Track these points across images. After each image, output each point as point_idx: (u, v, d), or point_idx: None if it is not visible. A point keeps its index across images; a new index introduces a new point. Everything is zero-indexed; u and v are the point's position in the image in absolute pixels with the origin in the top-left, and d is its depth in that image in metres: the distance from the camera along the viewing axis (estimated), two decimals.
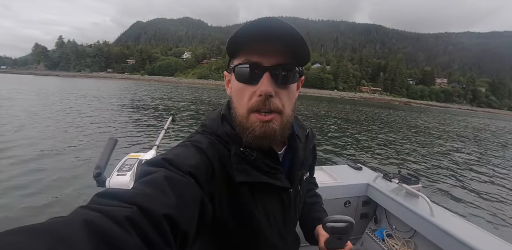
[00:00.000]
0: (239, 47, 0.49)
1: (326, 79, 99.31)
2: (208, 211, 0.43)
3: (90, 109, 11.24)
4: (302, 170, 0.65)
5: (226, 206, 0.51)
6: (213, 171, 0.48)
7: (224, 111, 0.58)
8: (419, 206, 1.52)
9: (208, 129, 0.57)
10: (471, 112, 72.17)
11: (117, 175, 1.07)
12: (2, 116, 8.00)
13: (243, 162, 0.52)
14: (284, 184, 0.58)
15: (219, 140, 0.54)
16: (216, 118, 0.58)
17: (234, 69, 0.50)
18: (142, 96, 20.94)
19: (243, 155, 0.52)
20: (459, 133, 14.48)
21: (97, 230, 0.24)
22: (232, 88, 0.53)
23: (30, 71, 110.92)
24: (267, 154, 0.55)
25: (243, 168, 0.52)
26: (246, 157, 0.52)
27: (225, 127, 0.55)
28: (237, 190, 0.52)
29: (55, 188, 3.40)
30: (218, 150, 0.52)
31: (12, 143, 5.13)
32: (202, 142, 0.52)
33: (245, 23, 0.45)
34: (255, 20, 0.45)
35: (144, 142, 6.04)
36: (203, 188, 0.44)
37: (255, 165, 0.53)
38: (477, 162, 7.18)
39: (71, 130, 6.82)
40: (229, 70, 0.53)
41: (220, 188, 0.50)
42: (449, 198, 4.30)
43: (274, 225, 0.58)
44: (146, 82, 69.03)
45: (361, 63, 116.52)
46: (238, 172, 0.51)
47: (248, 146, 0.52)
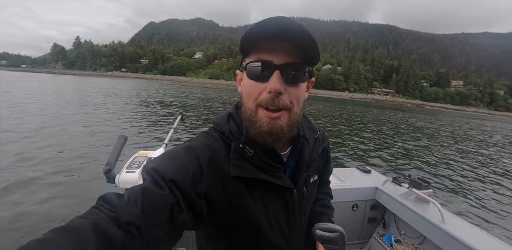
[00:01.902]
0: (251, 46, 0.50)
1: (337, 80, 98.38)
2: (183, 214, 0.45)
3: (104, 106, 11.71)
4: (308, 172, 0.64)
5: (224, 202, 0.52)
6: (202, 170, 0.50)
7: (231, 110, 0.61)
8: (429, 211, 1.48)
9: (215, 125, 0.60)
10: (488, 116, 69.95)
11: (126, 172, 1.08)
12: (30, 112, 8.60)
13: (242, 158, 0.54)
14: (286, 183, 0.57)
15: (222, 136, 0.57)
16: (224, 116, 0.60)
17: (246, 67, 0.51)
18: (154, 95, 21.51)
19: (242, 151, 0.53)
20: (474, 137, 14.18)
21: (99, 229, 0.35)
22: (243, 86, 0.54)
23: (48, 70, 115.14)
24: (269, 152, 0.55)
25: (240, 164, 0.53)
26: (245, 153, 0.53)
27: (230, 125, 0.57)
28: (234, 186, 0.53)
29: (65, 182, 3.58)
30: (215, 147, 0.54)
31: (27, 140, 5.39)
32: (198, 141, 0.56)
33: (257, 22, 0.46)
34: (267, 19, 0.46)
35: (153, 140, 6.17)
36: (186, 191, 0.46)
37: (254, 161, 0.54)
38: (492, 168, 6.99)
39: (84, 126, 7.07)
40: (241, 68, 0.54)
41: (214, 185, 0.51)
42: (461, 204, 4.20)
43: (275, 225, 0.58)
44: (158, 82, 70.56)
45: (373, 64, 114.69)
46: (234, 167, 0.53)
47: (248, 142, 0.53)
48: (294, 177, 0.60)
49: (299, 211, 0.63)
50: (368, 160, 6.21)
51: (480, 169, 6.71)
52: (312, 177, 0.66)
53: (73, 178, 3.73)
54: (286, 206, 0.59)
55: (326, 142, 0.71)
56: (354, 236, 1.90)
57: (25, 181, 3.51)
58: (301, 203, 0.62)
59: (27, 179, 3.57)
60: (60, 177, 3.73)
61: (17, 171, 3.80)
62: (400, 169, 5.76)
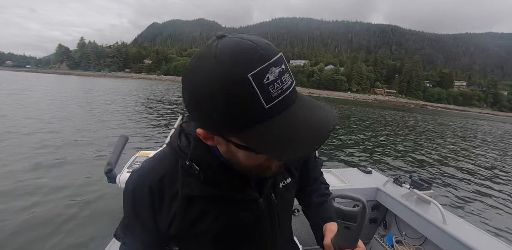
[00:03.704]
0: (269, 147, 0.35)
1: (340, 81, 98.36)
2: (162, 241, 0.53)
3: (105, 106, 11.85)
4: (275, 177, 0.58)
5: (180, 221, 0.51)
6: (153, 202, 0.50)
7: (185, 124, 0.54)
8: (430, 212, 1.48)
9: (171, 141, 0.55)
10: (492, 116, 69.56)
11: (127, 172, 1.08)
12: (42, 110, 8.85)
13: (190, 175, 0.49)
14: (247, 196, 0.54)
15: (174, 153, 0.52)
16: (176, 131, 0.54)
17: (242, 148, 0.38)
18: (156, 95, 21.79)
19: (189, 168, 0.49)
20: (475, 137, 14.23)
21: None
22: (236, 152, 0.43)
23: (53, 70, 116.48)
24: (229, 171, 0.50)
25: (188, 182, 0.49)
26: (192, 170, 0.49)
27: (181, 140, 0.52)
28: (188, 204, 0.50)
29: (67, 181, 3.62)
30: (167, 167, 0.52)
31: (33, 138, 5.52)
32: (148, 165, 0.54)
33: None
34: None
35: (154, 140, 6.18)
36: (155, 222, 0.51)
37: (203, 178, 0.49)
38: (494, 169, 6.95)
39: (84, 126, 7.13)
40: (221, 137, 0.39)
41: (169, 207, 0.50)
42: (462, 205, 4.19)
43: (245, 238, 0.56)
44: (162, 82, 71.13)
45: (375, 65, 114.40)
46: (183, 185, 0.50)
47: (196, 159, 0.49)
48: (259, 186, 0.56)
49: (270, 218, 0.59)
50: (369, 161, 6.26)
51: (482, 169, 6.69)
52: (282, 181, 0.61)
53: (73, 178, 3.76)
54: (253, 216, 0.56)
55: None
56: None
57: (25, 181, 3.54)
58: (270, 210, 0.59)
59: (27, 178, 3.61)
60: (60, 177, 3.76)
61: (16, 170, 3.85)
62: (401, 170, 5.79)
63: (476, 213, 3.95)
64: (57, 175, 3.84)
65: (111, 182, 1.08)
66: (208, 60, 0.33)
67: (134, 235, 0.54)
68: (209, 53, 0.33)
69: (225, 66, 0.31)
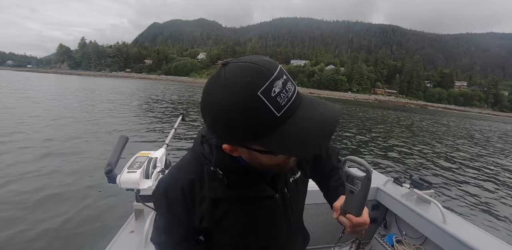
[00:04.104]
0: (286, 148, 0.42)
1: (340, 81, 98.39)
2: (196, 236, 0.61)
3: (107, 106, 11.92)
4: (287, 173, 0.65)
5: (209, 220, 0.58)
6: (188, 203, 0.57)
7: (204, 132, 0.60)
8: (431, 212, 1.48)
9: (192, 149, 0.62)
10: (492, 116, 69.58)
11: (127, 172, 1.09)
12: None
13: (215, 180, 0.56)
14: (264, 193, 0.61)
15: (199, 159, 0.58)
16: (197, 139, 0.60)
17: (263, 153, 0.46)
18: (157, 95, 21.82)
19: (213, 174, 0.55)
20: (476, 137, 14.27)
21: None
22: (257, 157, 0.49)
23: (54, 70, 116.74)
24: (247, 173, 0.57)
25: (213, 186, 0.56)
26: (216, 175, 0.55)
27: (204, 147, 0.58)
28: (214, 206, 0.57)
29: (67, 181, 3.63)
30: (195, 172, 0.57)
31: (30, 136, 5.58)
32: (178, 170, 0.61)
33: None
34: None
35: (154, 140, 6.18)
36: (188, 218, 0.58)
37: (226, 181, 0.55)
38: (495, 168, 6.97)
39: (85, 127, 7.14)
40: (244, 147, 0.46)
41: (198, 207, 0.57)
42: (462, 204, 4.20)
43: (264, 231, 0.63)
44: (162, 82, 71.29)
45: (376, 65, 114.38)
46: (209, 189, 0.56)
47: (219, 164, 0.55)
48: (273, 184, 0.62)
49: (284, 211, 0.66)
50: (369, 160, 6.27)
51: (482, 169, 6.70)
52: (292, 176, 0.67)
53: (74, 178, 3.77)
54: (270, 212, 0.63)
55: None
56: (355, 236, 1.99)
57: (25, 180, 3.56)
58: (285, 203, 0.65)
59: (27, 178, 3.63)
60: (61, 177, 3.77)
61: (16, 169, 3.87)
62: (402, 169, 5.80)
63: (477, 212, 3.95)
64: (57, 175, 3.84)
65: (111, 182, 1.08)
66: (220, 87, 0.39)
67: (171, 232, 0.61)
68: (219, 81, 0.40)
69: (236, 90, 0.37)
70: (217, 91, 0.40)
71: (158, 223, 0.63)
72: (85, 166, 4.26)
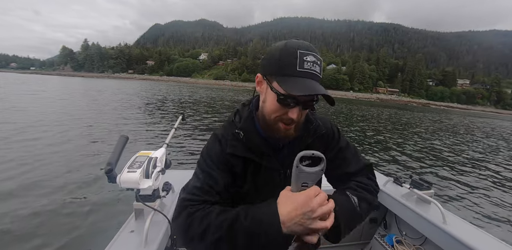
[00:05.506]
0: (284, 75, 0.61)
1: (342, 80, 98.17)
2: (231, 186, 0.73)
3: (107, 106, 12.02)
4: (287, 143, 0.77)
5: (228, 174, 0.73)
6: (222, 149, 0.73)
7: (239, 107, 0.81)
8: (431, 212, 1.48)
9: (228, 118, 0.82)
10: (495, 114, 69.02)
11: (127, 172, 1.10)
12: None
13: (236, 140, 0.73)
14: (272, 165, 0.74)
15: (231, 125, 0.77)
16: (233, 111, 0.81)
17: (273, 90, 0.64)
18: (158, 95, 21.96)
19: (237, 135, 0.72)
20: (476, 136, 14.24)
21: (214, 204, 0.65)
22: (267, 97, 0.68)
23: (57, 72, 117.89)
24: (264, 141, 0.74)
25: (234, 144, 0.72)
26: (238, 136, 0.72)
27: (236, 118, 0.78)
28: (234, 163, 0.72)
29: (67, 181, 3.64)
30: (228, 132, 0.75)
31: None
32: (219, 130, 0.79)
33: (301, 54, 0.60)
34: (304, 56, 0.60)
35: (154, 140, 6.24)
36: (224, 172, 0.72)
37: (246, 144, 0.72)
38: (495, 168, 6.91)
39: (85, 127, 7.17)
40: (268, 82, 0.66)
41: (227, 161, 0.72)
42: (462, 205, 4.19)
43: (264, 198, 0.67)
44: (164, 83, 71.51)
45: (378, 64, 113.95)
46: (229, 146, 0.72)
47: (244, 129, 0.73)
48: (282, 161, 0.76)
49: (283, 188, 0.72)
50: (369, 160, 6.30)
51: (483, 169, 6.69)
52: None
53: (73, 178, 3.80)
54: (274, 183, 0.75)
55: (320, 130, 0.80)
56: (355, 237, 1.91)
57: (25, 180, 3.59)
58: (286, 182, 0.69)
59: (28, 178, 3.65)
60: (61, 177, 3.80)
61: (17, 169, 3.90)
62: (402, 169, 5.80)
63: (477, 212, 3.95)
64: (57, 174, 3.87)
65: (112, 182, 1.09)
66: (280, 44, 0.64)
67: (210, 175, 0.71)
68: (281, 43, 0.64)
69: (286, 43, 0.63)
70: (277, 44, 0.65)
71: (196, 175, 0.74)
72: (85, 166, 4.27)
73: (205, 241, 0.57)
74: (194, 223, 0.60)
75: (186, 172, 2.25)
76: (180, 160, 5.06)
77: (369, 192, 0.78)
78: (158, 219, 1.21)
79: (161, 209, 1.22)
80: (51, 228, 2.63)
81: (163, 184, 1.41)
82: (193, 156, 5.37)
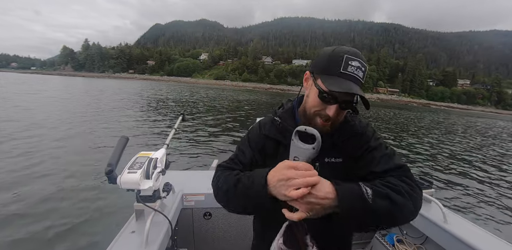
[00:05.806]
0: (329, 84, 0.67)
1: None
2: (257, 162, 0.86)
3: (107, 106, 12.04)
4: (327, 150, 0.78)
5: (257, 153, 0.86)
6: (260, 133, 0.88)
7: (283, 101, 0.93)
8: (431, 211, 1.49)
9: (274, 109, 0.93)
10: (496, 115, 69.13)
11: (128, 173, 1.10)
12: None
13: (272, 125, 0.86)
14: None
15: (273, 114, 0.89)
16: (279, 105, 0.93)
17: (317, 87, 0.71)
18: (159, 95, 21.96)
19: (274, 121, 0.86)
20: (477, 136, 14.25)
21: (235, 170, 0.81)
22: (311, 92, 0.75)
23: (58, 72, 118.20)
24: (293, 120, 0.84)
25: (269, 128, 0.86)
26: (275, 122, 0.85)
27: (279, 108, 0.90)
28: (266, 144, 0.85)
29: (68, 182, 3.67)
30: (268, 120, 0.89)
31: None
32: (263, 118, 0.94)
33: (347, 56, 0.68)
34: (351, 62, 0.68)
35: (154, 141, 6.25)
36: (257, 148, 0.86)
37: (280, 129, 0.83)
38: (496, 167, 6.90)
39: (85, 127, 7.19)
40: (313, 77, 0.74)
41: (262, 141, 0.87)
42: (463, 204, 4.18)
43: None
44: (165, 83, 71.68)
45: (378, 64, 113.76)
46: (266, 129, 0.87)
47: (282, 117, 0.85)
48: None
49: None
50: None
51: (483, 168, 6.69)
52: (329, 158, 0.80)
53: (74, 178, 3.80)
54: None
55: (356, 130, 0.82)
56: (355, 236, 1.92)
57: (25, 180, 3.61)
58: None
59: (28, 178, 3.68)
60: (61, 177, 3.81)
61: (17, 169, 3.94)
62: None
63: (477, 212, 3.95)
64: (58, 175, 3.88)
65: (112, 183, 1.09)
66: (332, 47, 0.72)
67: (242, 151, 0.87)
68: (334, 47, 0.72)
69: (339, 48, 0.70)
70: (328, 48, 0.73)
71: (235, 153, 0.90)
72: (85, 167, 4.28)
73: (221, 191, 0.75)
74: (219, 180, 0.78)
75: (186, 173, 2.24)
76: (180, 160, 5.10)
77: (397, 192, 0.65)
78: (159, 220, 1.21)
79: (161, 210, 1.23)
80: (51, 228, 2.64)
81: (164, 184, 1.42)
82: (193, 156, 5.42)
